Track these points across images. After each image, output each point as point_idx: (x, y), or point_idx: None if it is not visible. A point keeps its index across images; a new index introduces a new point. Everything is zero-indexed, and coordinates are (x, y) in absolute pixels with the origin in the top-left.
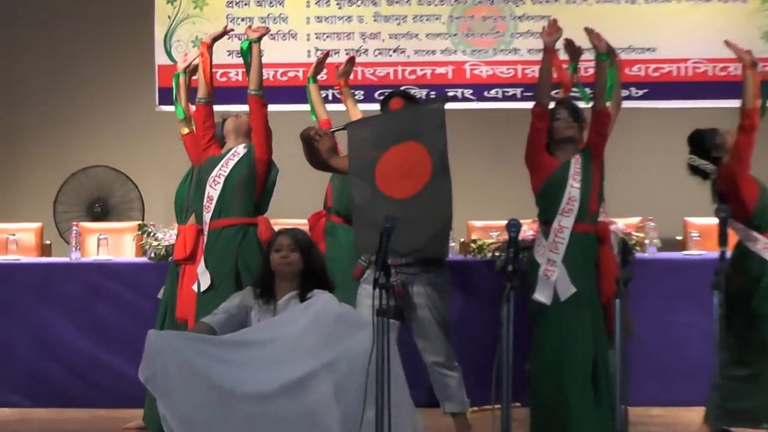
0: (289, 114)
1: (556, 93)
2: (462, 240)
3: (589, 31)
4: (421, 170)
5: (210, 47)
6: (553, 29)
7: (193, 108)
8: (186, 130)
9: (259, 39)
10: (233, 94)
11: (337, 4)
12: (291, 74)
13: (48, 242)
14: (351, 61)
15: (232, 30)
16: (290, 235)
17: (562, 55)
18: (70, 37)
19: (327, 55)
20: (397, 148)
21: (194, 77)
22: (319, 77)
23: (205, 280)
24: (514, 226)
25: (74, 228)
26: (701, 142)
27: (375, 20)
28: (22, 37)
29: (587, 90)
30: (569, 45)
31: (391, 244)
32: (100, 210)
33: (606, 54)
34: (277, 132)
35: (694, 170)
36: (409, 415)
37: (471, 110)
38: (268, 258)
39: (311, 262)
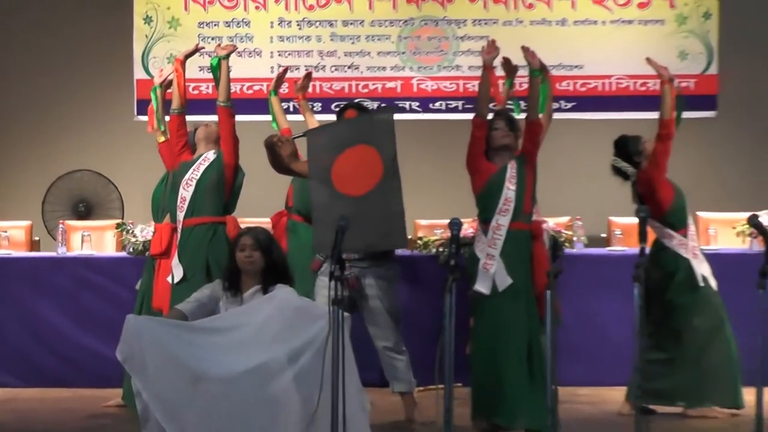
0: (255, 124)
1: (494, 105)
2: (409, 237)
3: (525, 49)
4: (373, 171)
5: (183, 63)
6: (491, 48)
7: (167, 118)
8: (162, 139)
9: (228, 56)
10: (204, 105)
11: (298, 25)
12: (256, 88)
13: (37, 238)
14: (308, 77)
15: (203, 48)
16: (252, 236)
17: (501, 72)
18: (57, 54)
19: (286, 70)
20: (351, 151)
21: (169, 90)
22: (281, 91)
23: (178, 273)
24: (455, 225)
25: (60, 226)
26: (625, 147)
27: (332, 39)
28: (13, 52)
29: (521, 103)
30: (506, 63)
31: (348, 241)
32: (84, 209)
33: (539, 70)
34: (243, 140)
35: (617, 171)
36: (357, 394)
37: (418, 121)
38: (234, 256)
39: (272, 259)
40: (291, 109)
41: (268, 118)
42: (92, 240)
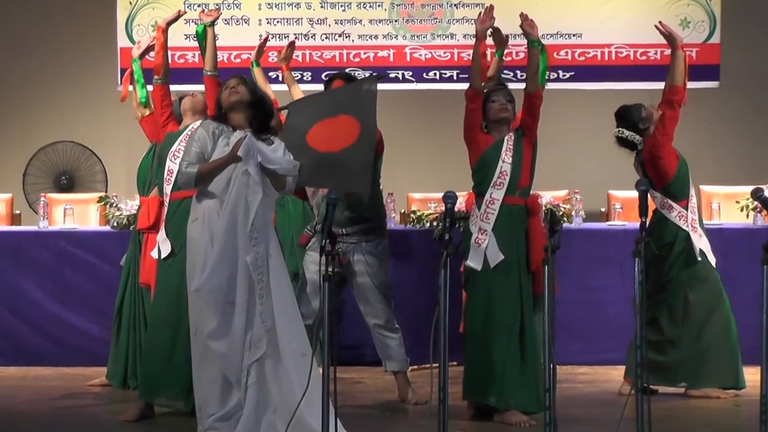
0: None
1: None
2: (402, 211)
3: (524, 18)
4: (349, 134)
5: (165, 31)
6: (486, 17)
7: (150, 88)
8: (140, 114)
9: (213, 23)
10: (191, 74)
11: None
12: (244, 56)
13: (18, 212)
14: (291, 46)
15: (185, 13)
16: (238, 76)
17: (490, 42)
18: (37, 22)
19: (267, 39)
20: (330, 120)
21: (147, 58)
22: (271, 60)
23: (165, 248)
24: (449, 198)
25: (42, 199)
26: (628, 116)
27: (322, 6)
28: None
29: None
30: (496, 33)
31: (310, 178)
32: (67, 182)
33: (537, 41)
34: None
35: (623, 142)
36: (297, 340)
37: (411, 91)
38: (219, 102)
39: (256, 95)
40: (280, 78)
41: None
42: (75, 213)
